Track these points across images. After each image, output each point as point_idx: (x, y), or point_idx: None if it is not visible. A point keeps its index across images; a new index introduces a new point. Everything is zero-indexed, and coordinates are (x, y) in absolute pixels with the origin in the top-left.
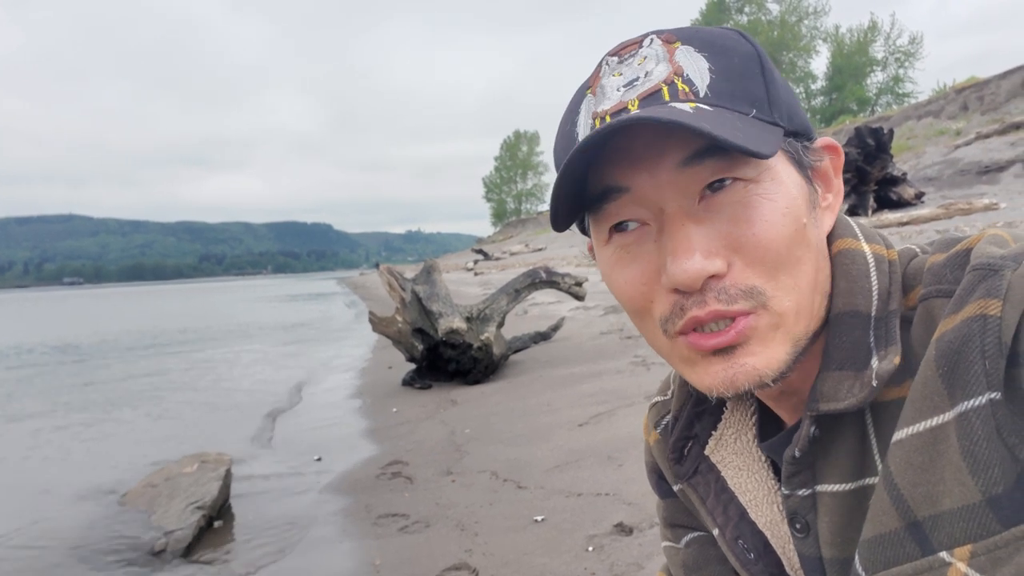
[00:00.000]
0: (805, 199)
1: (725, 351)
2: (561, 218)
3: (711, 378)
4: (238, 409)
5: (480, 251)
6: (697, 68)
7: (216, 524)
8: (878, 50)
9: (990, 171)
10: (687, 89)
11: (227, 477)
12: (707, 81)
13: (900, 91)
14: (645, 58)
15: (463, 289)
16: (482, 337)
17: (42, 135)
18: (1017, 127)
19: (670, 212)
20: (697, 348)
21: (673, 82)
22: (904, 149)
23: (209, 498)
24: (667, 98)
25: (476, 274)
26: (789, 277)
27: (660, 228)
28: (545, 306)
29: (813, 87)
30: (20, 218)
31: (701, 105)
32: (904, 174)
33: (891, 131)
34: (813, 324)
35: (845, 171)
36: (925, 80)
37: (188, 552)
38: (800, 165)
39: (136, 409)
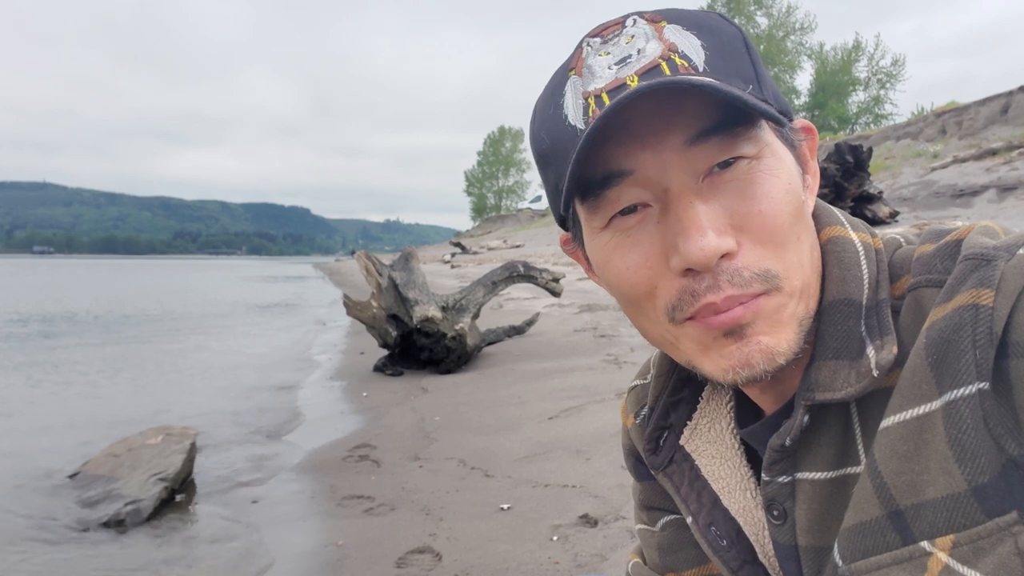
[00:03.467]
0: (799, 176)
1: (736, 332)
2: (565, 208)
3: (726, 360)
4: (206, 385)
5: (458, 244)
6: (690, 44)
7: (178, 497)
8: (861, 70)
9: (964, 195)
10: (686, 64)
11: (191, 451)
12: (703, 57)
13: (880, 112)
14: (633, 36)
15: (439, 280)
16: (456, 327)
17: (12, 100)
18: (993, 153)
19: (675, 191)
20: (709, 327)
21: (670, 58)
22: (881, 168)
23: (172, 470)
24: (668, 72)
25: (453, 267)
26: (794, 254)
27: (664, 209)
28: (521, 301)
29: (796, 103)
30: None
31: (704, 77)
32: (880, 192)
33: (870, 149)
34: (813, 306)
35: (823, 186)
36: (905, 102)
37: (148, 522)
38: (789, 144)
39: (102, 381)
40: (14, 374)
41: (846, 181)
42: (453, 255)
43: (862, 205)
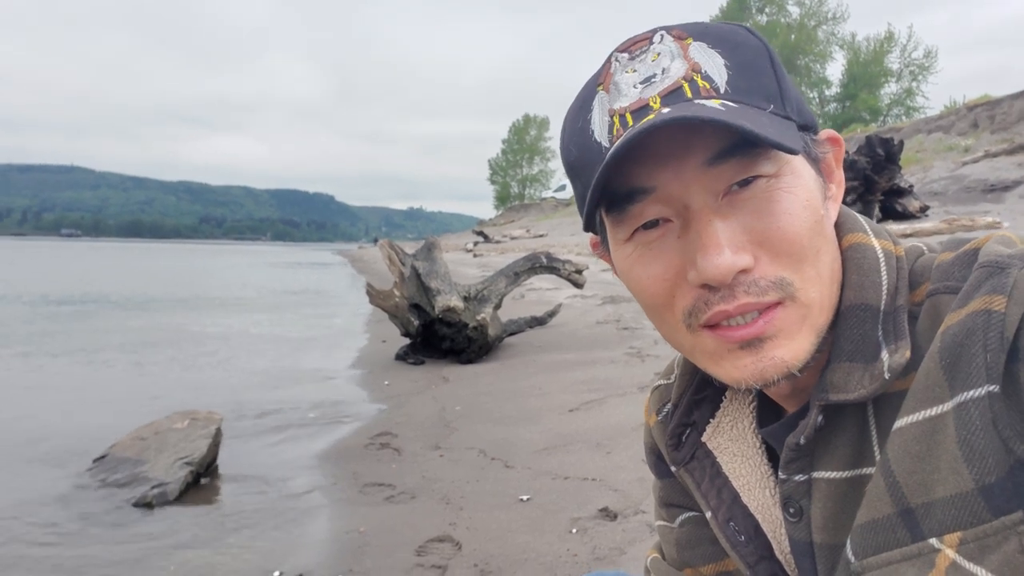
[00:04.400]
0: (820, 191)
1: (752, 344)
2: (588, 219)
3: (739, 372)
4: (231, 370)
5: (481, 233)
6: (714, 64)
7: (203, 481)
8: (893, 61)
9: (995, 190)
10: (707, 86)
11: (217, 436)
12: (725, 77)
13: (912, 104)
14: (659, 54)
15: (461, 270)
16: (478, 317)
17: (40, 83)
18: None
19: (695, 209)
20: (724, 340)
21: (692, 79)
22: (912, 162)
23: (198, 454)
24: (689, 95)
25: (475, 256)
26: (812, 268)
27: (685, 225)
28: (543, 292)
29: (827, 93)
30: (21, 165)
31: (725, 102)
32: (911, 186)
33: (901, 143)
34: (831, 315)
35: (853, 179)
36: (937, 94)
37: (174, 505)
38: (811, 158)
39: (130, 364)
40: (42, 356)
41: (876, 174)
42: (476, 244)
43: (892, 199)
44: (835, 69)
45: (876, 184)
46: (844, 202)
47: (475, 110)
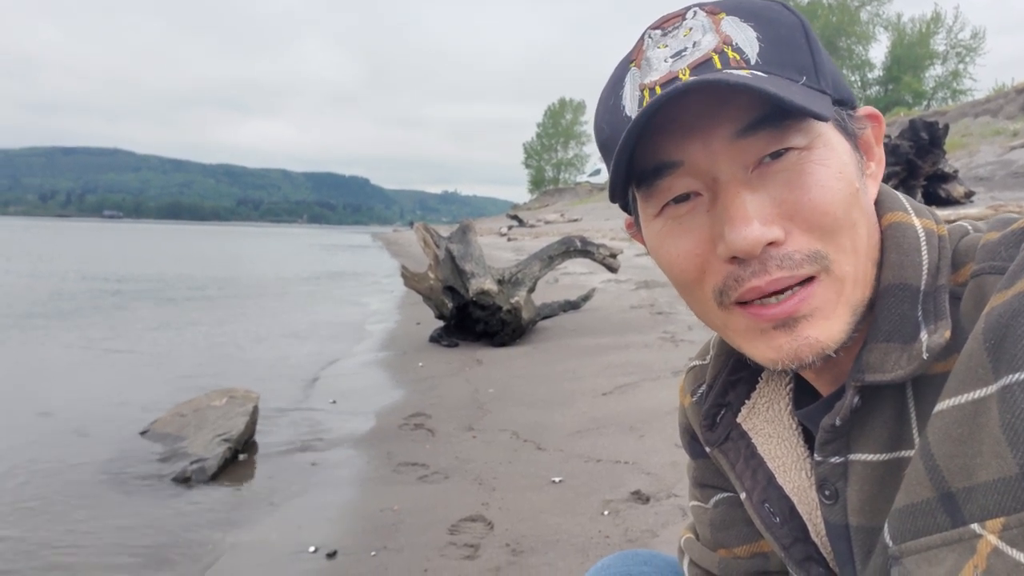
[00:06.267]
0: (855, 165)
1: (787, 324)
2: (620, 193)
3: (775, 352)
4: (268, 350)
5: (515, 217)
6: (745, 37)
7: (241, 457)
8: (939, 42)
9: None
10: (738, 57)
11: (254, 413)
12: (756, 49)
13: (958, 87)
14: (691, 29)
15: (496, 253)
16: (512, 300)
17: (81, 68)
18: None
19: (724, 181)
20: (758, 320)
21: (723, 51)
22: (958, 146)
23: (236, 431)
24: (719, 66)
25: (509, 239)
26: (847, 240)
27: (713, 198)
28: (577, 276)
29: (869, 76)
30: (66, 148)
31: (755, 72)
32: (955, 171)
33: (946, 126)
34: (867, 292)
35: (895, 164)
36: (984, 77)
37: (213, 480)
38: (847, 133)
39: (173, 343)
40: (87, 333)
41: (920, 159)
42: (510, 228)
43: (936, 184)
44: (878, 51)
45: (919, 169)
46: None
47: (509, 94)
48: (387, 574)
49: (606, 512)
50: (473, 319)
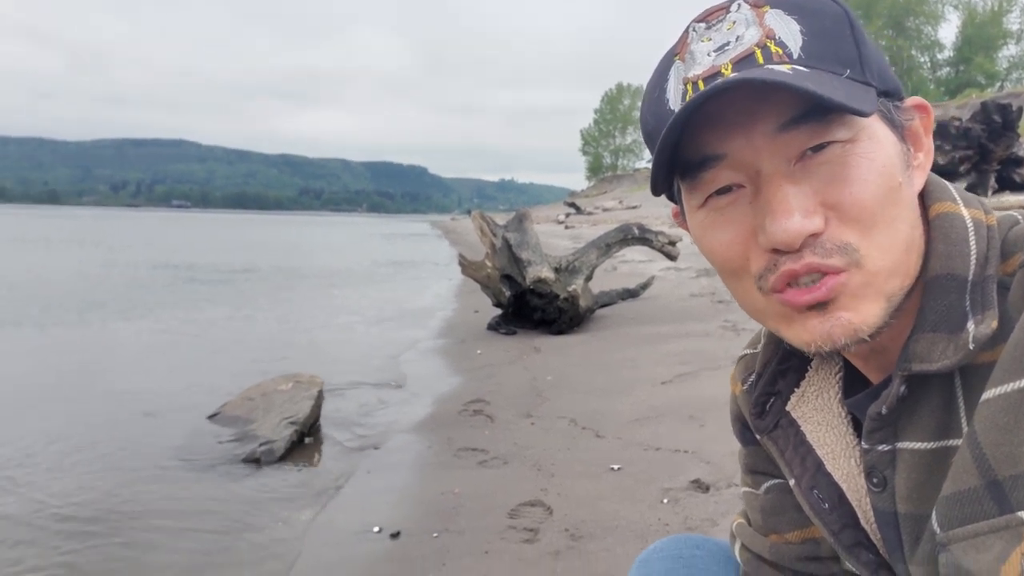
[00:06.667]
0: (900, 158)
1: (819, 307)
2: (661, 186)
3: (808, 334)
4: (332, 337)
5: (572, 204)
6: (789, 30)
7: (307, 440)
8: (1013, 21)
9: None
10: (780, 52)
11: (319, 398)
12: (800, 43)
13: None
14: (734, 23)
15: (553, 241)
16: (569, 288)
17: (145, 60)
18: None
19: (767, 174)
20: (791, 304)
21: (766, 45)
22: None
23: (302, 415)
24: (761, 61)
25: (567, 227)
26: (884, 236)
27: (756, 190)
28: (636, 264)
29: (939, 57)
30: (135, 140)
31: (796, 67)
32: None
33: (1020, 109)
34: (907, 282)
35: (967, 148)
36: None
37: (280, 461)
38: (893, 124)
39: (241, 329)
40: (160, 320)
41: (992, 143)
42: (567, 215)
43: (1009, 169)
44: (948, 31)
45: (992, 153)
46: (958, 172)
47: (566, 79)
48: (449, 555)
49: (665, 500)
50: (531, 307)
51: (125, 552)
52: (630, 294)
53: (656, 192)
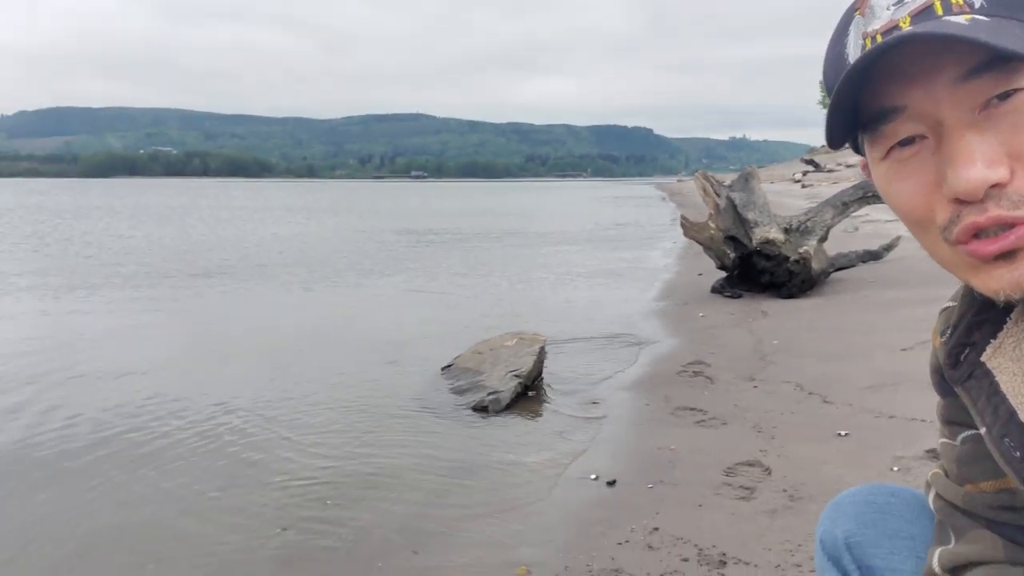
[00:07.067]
0: None
1: (1007, 256)
2: (836, 139)
3: (996, 282)
4: (555, 296)
5: (810, 161)
6: None
7: (530, 393)
8: None
9: None
10: (961, 2)
11: (541, 354)
12: None
13: None
14: None
15: (787, 201)
16: (800, 250)
17: (385, 40)
18: None
19: (949, 124)
20: (977, 255)
21: None
22: None
23: (525, 369)
24: (940, 12)
25: (803, 186)
26: None
27: (939, 140)
28: (880, 224)
29: None
30: (378, 115)
31: (977, 16)
32: None
33: None
34: None
35: None
36: None
37: (506, 411)
38: None
39: (469, 289)
40: (406, 278)
41: None
42: (804, 174)
43: None
44: None
45: None
46: None
47: (801, 27)
48: (663, 505)
49: (896, 468)
50: (758, 270)
51: (375, 479)
52: (871, 256)
53: (833, 145)
